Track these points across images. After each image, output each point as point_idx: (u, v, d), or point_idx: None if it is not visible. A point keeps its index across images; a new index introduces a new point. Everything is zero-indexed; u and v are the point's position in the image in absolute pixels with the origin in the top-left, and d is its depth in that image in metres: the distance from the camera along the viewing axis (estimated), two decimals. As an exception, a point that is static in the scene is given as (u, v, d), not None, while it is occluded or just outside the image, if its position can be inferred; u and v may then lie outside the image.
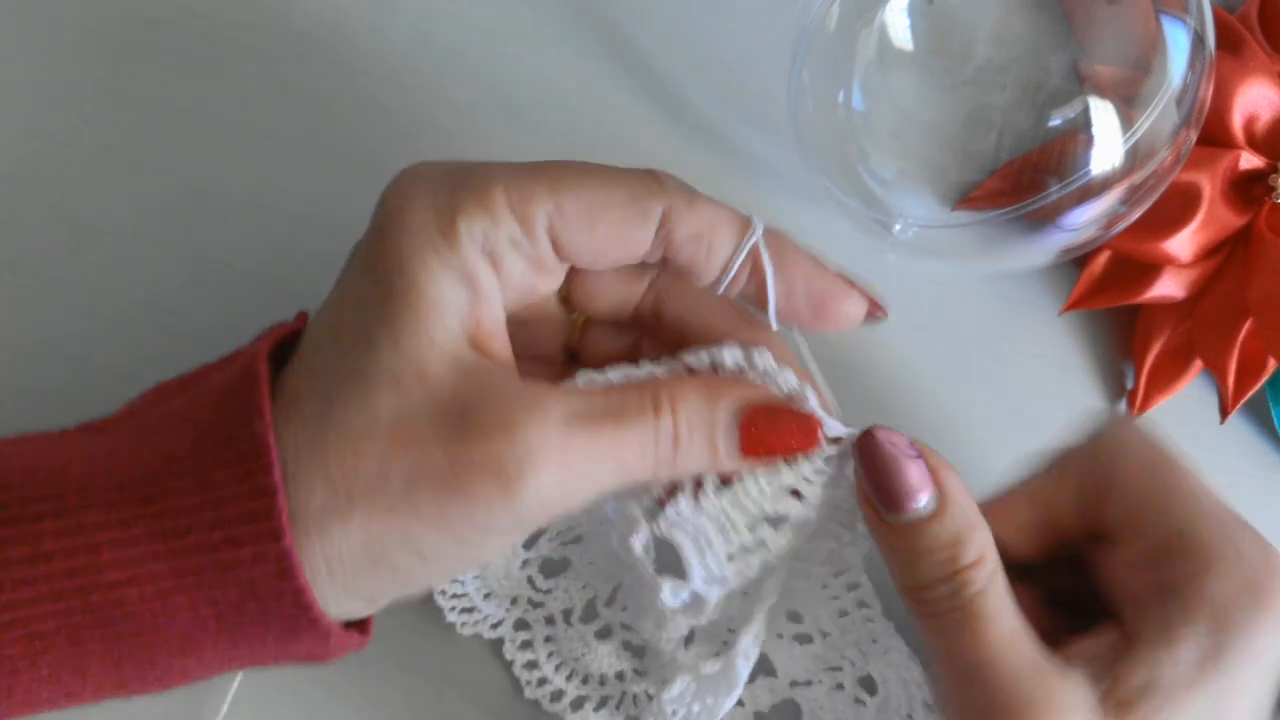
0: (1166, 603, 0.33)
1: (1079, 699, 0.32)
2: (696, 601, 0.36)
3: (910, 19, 0.41)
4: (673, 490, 0.34)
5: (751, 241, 0.34)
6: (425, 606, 0.42)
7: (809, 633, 0.41)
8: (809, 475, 0.35)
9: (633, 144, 0.43)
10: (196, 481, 0.30)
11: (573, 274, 0.36)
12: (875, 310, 0.36)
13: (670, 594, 0.35)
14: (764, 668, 0.41)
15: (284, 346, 0.34)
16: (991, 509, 0.35)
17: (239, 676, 0.40)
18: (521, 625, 0.41)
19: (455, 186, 0.32)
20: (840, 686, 0.40)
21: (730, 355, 0.34)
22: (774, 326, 0.35)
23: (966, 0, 0.42)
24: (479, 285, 0.32)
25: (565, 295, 0.37)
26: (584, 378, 0.34)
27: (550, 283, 0.35)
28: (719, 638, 0.37)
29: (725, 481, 0.34)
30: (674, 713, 0.37)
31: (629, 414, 0.32)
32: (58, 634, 0.30)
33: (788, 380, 0.34)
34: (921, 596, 0.34)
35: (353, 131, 0.45)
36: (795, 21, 0.42)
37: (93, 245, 0.44)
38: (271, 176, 0.45)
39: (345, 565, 0.31)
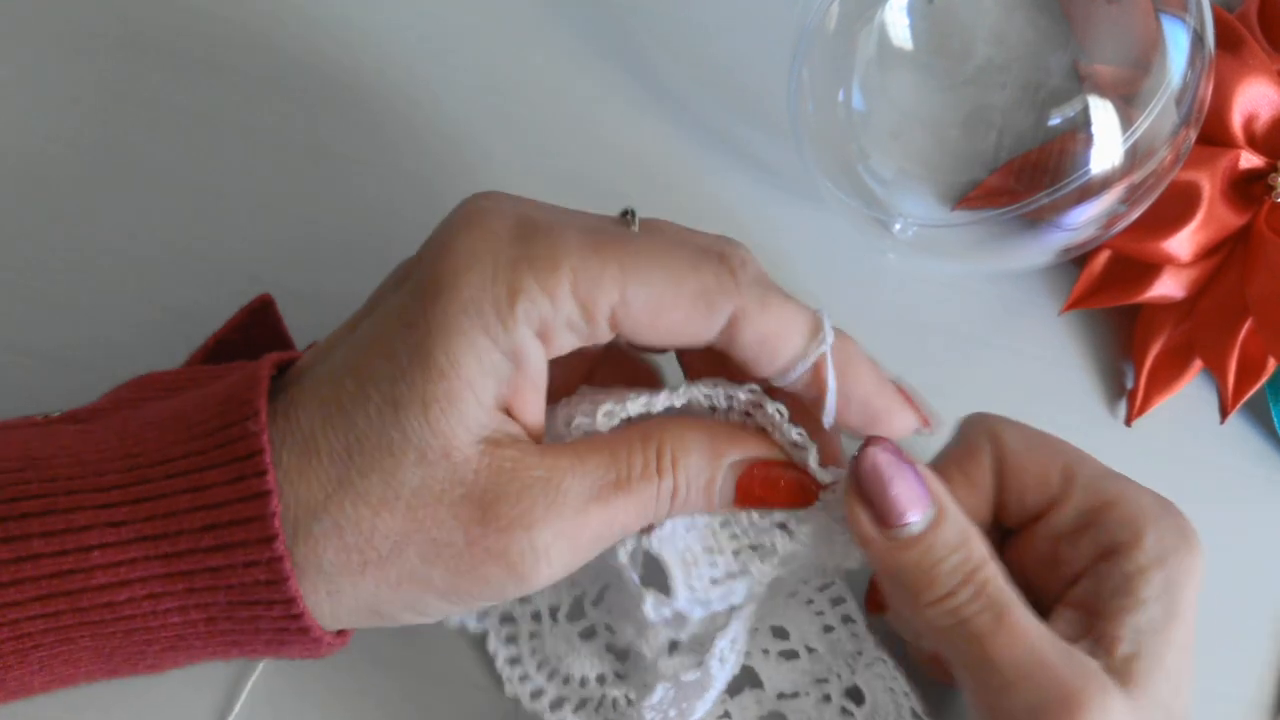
0: (1116, 566, 0.34)
1: (1102, 675, 0.33)
2: (678, 618, 0.36)
3: (910, 18, 0.41)
4: None
5: (819, 353, 0.33)
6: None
7: (795, 648, 0.41)
8: (800, 515, 0.35)
9: (633, 144, 0.43)
10: (189, 483, 0.30)
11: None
12: (925, 425, 0.36)
13: (652, 608, 0.35)
14: (750, 680, 0.41)
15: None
16: None
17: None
18: (507, 619, 0.41)
19: (520, 260, 0.31)
20: (827, 698, 0.40)
21: (746, 394, 0.35)
22: (827, 426, 0.35)
23: (966, 0, 0.42)
24: (525, 363, 0.31)
25: None
26: (581, 418, 0.34)
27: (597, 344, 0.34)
28: (703, 649, 0.37)
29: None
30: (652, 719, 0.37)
31: (635, 484, 0.32)
32: (47, 633, 0.30)
33: (793, 433, 0.35)
34: (946, 607, 0.33)
35: (363, 135, 0.45)
36: (795, 21, 0.42)
37: (101, 249, 0.44)
38: (279, 176, 0.45)
39: (347, 613, 0.31)
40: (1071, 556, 0.36)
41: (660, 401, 0.35)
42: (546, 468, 0.31)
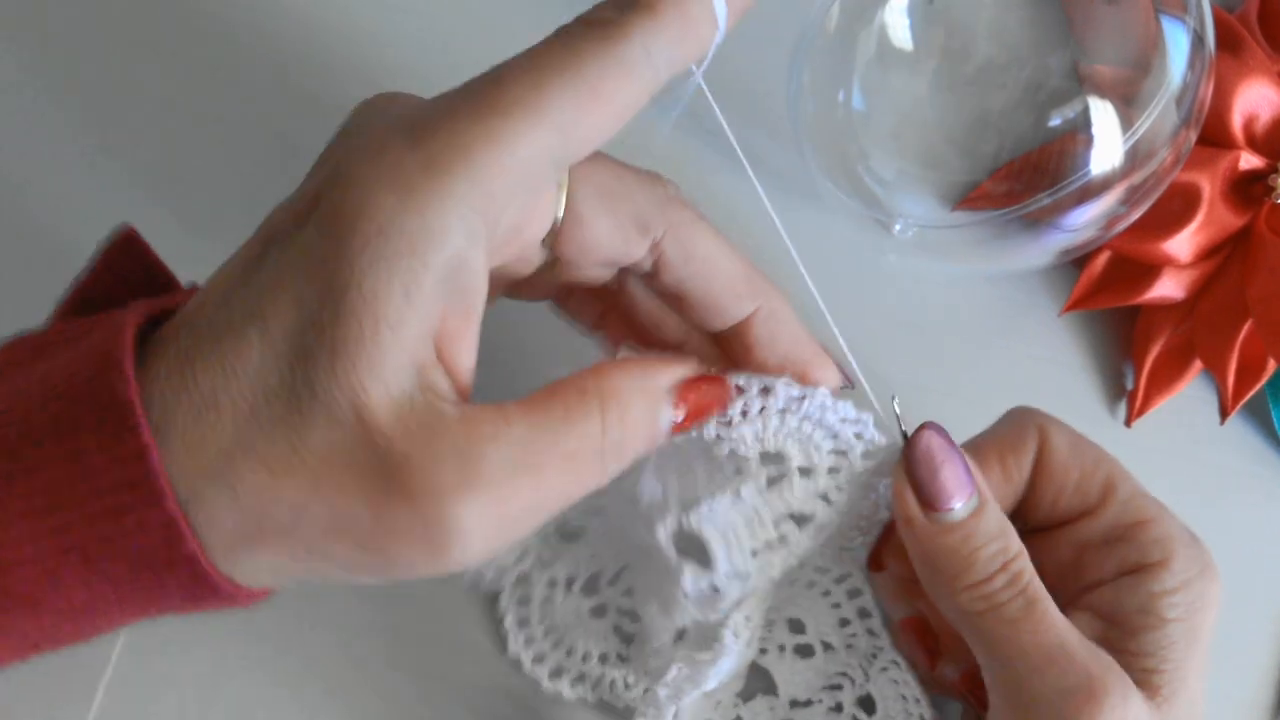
0: (1143, 584, 0.35)
1: (1123, 673, 0.33)
2: (713, 594, 0.36)
3: (910, 19, 0.41)
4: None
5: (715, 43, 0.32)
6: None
7: (810, 643, 0.41)
8: (841, 484, 0.36)
9: (634, 143, 0.43)
10: (63, 451, 0.27)
11: (563, 232, 0.33)
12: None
13: (691, 581, 0.35)
14: (765, 686, 0.41)
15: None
16: None
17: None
18: (523, 581, 0.41)
19: (427, 164, 0.28)
20: (839, 707, 0.40)
21: (784, 388, 0.35)
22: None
23: (966, 0, 0.42)
24: (459, 281, 0.28)
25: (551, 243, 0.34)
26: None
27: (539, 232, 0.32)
28: (711, 639, 0.38)
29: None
30: (666, 696, 0.37)
31: (573, 448, 0.30)
32: None
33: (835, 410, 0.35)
34: (980, 592, 0.34)
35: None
36: (795, 22, 0.42)
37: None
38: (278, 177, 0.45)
39: (254, 576, 0.29)
40: (1096, 565, 0.36)
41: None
42: (465, 435, 0.28)
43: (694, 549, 0.36)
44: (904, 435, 0.35)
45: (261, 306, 0.28)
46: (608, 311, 0.38)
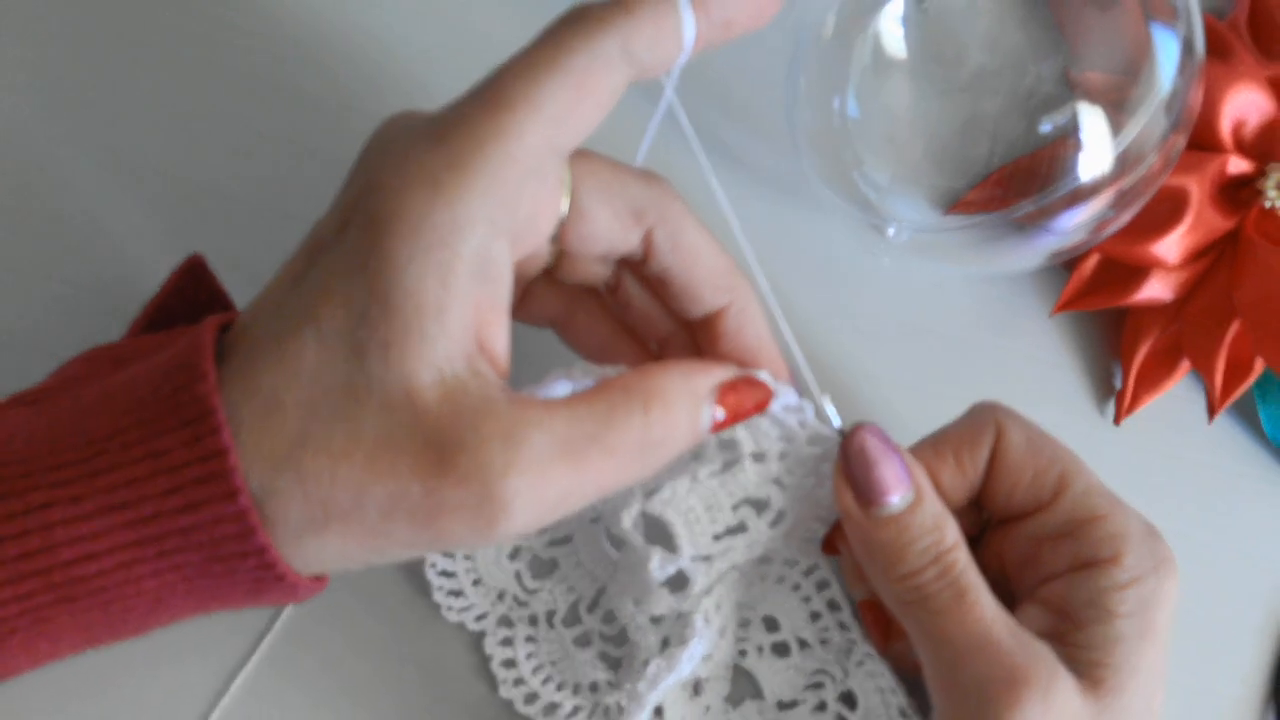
0: (1092, 579, 0.35)
1: (1056, 663, 0.34)
2: (681, 579, 0.37)
3: (904, 27, 0.41)
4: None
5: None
6: (411, 581, 0.42)
7: (786, 641, 0.42)
8: (791, 468, 0.37)
9: (629, 147, 0.43)
10: (146, 450, 0.29)
11: (568, 225, 0.35)
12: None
13: (659, 565, 0.37)
14: (751, 690, 0.42)
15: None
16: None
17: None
18: (505, 622, 0.42)
19: (452, 164, 0.30)
20: (823, 705, 0.41)
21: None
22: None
23: (959, 8, 0.42)
24: (490, 272, 0.31)
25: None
26: (560, 385, 0.33)
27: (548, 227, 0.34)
28: (684, 628, 0.39)
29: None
30: (644, 687, 0.38)
31: (615, 441, 0.31)
32: (22, 616, 0.30)
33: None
34: (911, 583, 0.35)
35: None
36: (791, 29, 0.42)
37: (86, 241, 0.44)
38: (280, 176, 0.45)
39: (318, 562, 0.31)
40: (1050, 559, 0.37)
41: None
42: (512, 418, 0.30)
43: (661, 538, 0.37)
44: (840, 433, 0.36)
45: (314, 310, 0.30)
46: (612, 336, 0.39)
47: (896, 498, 0.35)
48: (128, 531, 0.29)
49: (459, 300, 0.30)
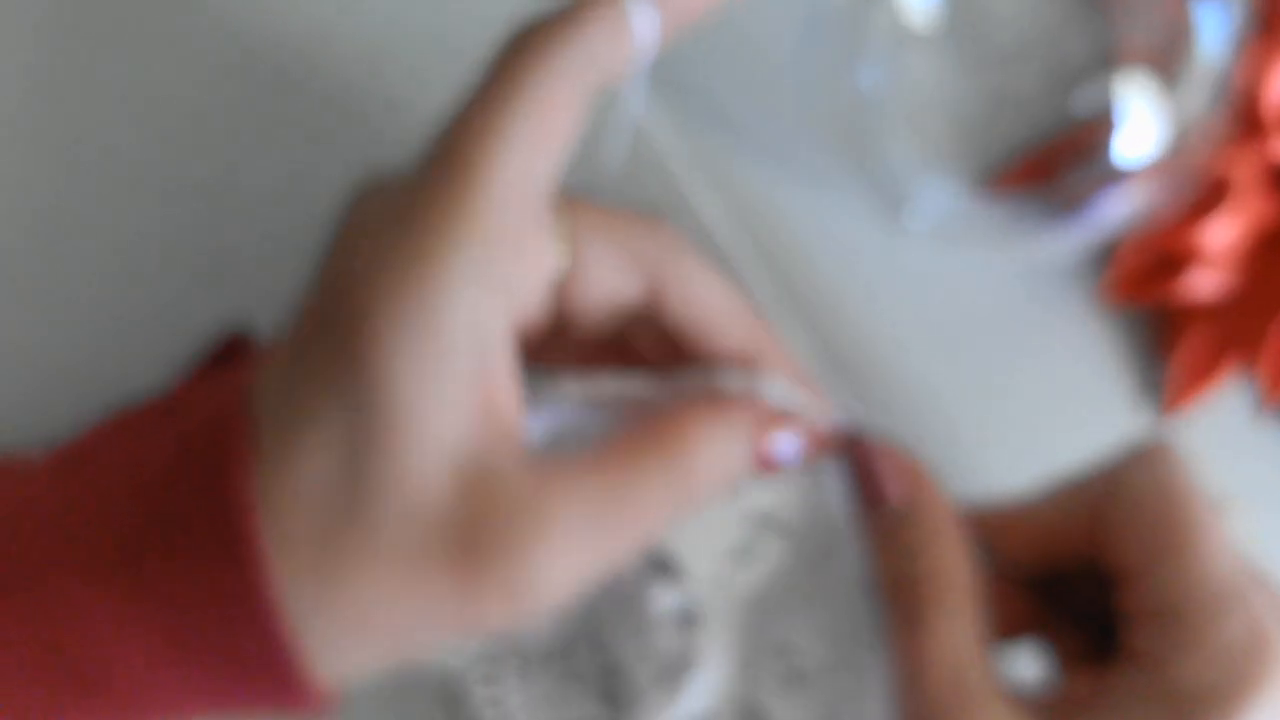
0: (1154, 671, 0.33)
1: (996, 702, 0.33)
2: (684, 610, 0.37)
3: (928, -5, 0.41)
4: None
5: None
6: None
7: (798, 666, 0.40)
8: (796, 482, 0.37)
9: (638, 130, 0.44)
10: (179, 566, 0.29)
11: (570, 279, 0.35)
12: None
13: (660, 591, 0.37)
14: None
15: None
16: (994, 519, 0.37)
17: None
18: (486, 659, 0.41)
19: (423, 243, 0.30)
20: None
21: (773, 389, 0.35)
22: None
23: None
24: (489, 341, 0.30)
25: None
26: (561, 411, 0.33)
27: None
28: (686, 657, 0.38)
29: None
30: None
31: (645, 501, 0.31)
32: (33, 706, 0.30)
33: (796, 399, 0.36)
34: (903, 588, 0.35)
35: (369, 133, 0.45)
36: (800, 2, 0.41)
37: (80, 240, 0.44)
38: (281, 175, 0.45)
39: (346, 675, 0.31)
40: (1134, 631, 0.34)
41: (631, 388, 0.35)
42: (534, 493, 0.30)
43: (659, 564, 0.37)
44: (848, 437, 0.36)
45: (309, 422, 0.30)
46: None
47: (898, 497, 0.35)
48: (155, 631, 0.29)
49: (457, 387, 0.29)
